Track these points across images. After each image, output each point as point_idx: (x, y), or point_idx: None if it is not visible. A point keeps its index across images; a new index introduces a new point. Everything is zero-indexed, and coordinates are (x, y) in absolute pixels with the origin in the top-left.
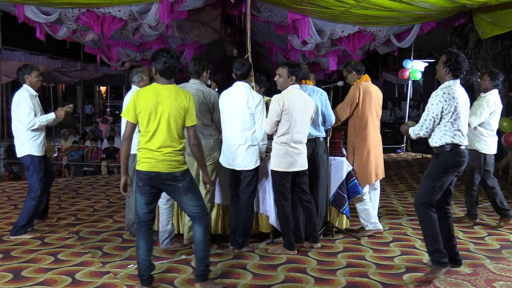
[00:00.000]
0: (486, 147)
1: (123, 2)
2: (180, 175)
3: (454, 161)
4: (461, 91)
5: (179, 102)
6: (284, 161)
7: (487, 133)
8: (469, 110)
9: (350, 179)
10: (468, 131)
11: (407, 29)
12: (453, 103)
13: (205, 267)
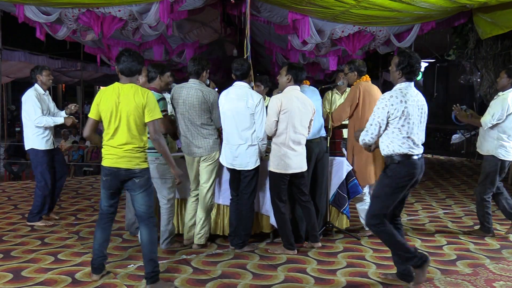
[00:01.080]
0: (505, 153)
1: (123, 2)
2: (139, 172)
3: (403, 174)
4: (414, 94)
5: (137, 100)
6: (282, 162)
7: (507, 138)
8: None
9: (350, 179)
10: (485, 134)
11: (407, 29)
12: (401, 107)
13: (153, 268)
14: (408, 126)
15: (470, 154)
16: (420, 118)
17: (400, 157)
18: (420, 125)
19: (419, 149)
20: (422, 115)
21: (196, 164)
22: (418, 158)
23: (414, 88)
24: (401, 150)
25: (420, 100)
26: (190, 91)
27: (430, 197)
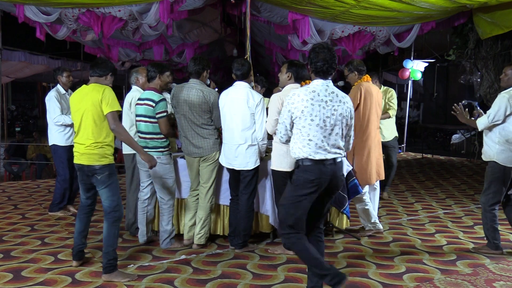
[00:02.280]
0: (505, 159)
1: (123, 2)
2: (99, 168)
3: (303, 180)
4: (328, 94)
5: (94, 97)
6: (286, 160)
7: (507, 141)
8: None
9: (350, 179)
10: (486, 138)
11: (407, 29)
12: (301, 107)
13: (107, 261)
14: (310, 127)
15: (470, 154)
16: (334, 121)
17: (301, 162)
18: (331, 128)
19: (329, 154)
20: (337, 117)
21: (196, 164)
22: (324, 164)
23: (332, 88)
24: (302, 153)
25: (336, 102)
26: (190, 91)
27: (430, 197)
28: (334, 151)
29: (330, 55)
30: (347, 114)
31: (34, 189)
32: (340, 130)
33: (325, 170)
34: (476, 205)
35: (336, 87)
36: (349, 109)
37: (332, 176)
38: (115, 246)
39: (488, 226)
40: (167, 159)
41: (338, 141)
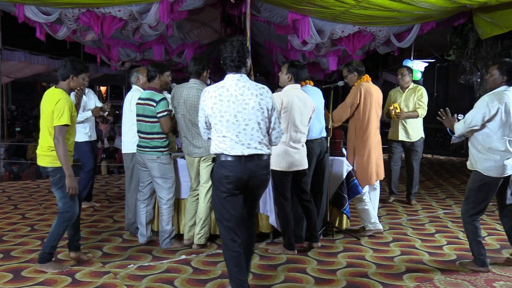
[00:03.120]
0: (487, 169)
1: (123, 2)
2: (52, 171)
3: (219, 176)
4: (237, 88)
5: (48, 105)
6: (284, 160)
7: (490, 149)
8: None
9: (350, 179)
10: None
11: (407, 29)
12: (210, 103)
13: (43, 253)
14: (221, 124)
15: None
16: (247, 115)
17: (218, 157)
18: (245, 122)
19: (247, 149)
20: (249, 111)
21: (196, 164)
22: (241, 160)
23: (244, 82)
24: (218, 149)
25: (248, 95)
26: (191, 91)
27: (430, 197)
28: (254, 146)
29: (239, 49)
30: (262, 107)
31: (34, 189)
32: (257, 124)
33: (242, 166)
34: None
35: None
36: (265, 101)
37: (251, 174)
38: (54, 244)
39: (471, 240)
40: (167, 159)
41: (256, 136)
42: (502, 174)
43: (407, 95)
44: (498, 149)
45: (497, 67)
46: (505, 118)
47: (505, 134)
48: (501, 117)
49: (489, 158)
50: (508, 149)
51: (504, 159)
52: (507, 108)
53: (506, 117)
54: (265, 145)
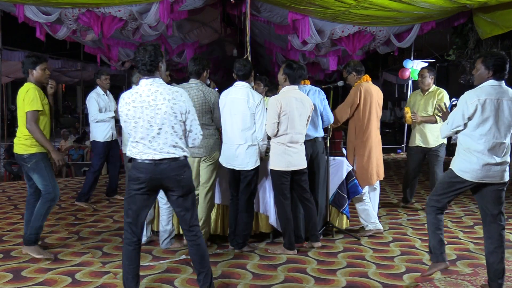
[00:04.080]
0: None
1: (123, 2)
2: (28, 157)
3: (133, 176)
4: (148, 92)
5: (20, 95)
6: (283, 160)
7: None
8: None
9: (350, 179)
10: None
11: (407, 29)
12: (125, 110)
13: (29, 234)
14: (135, 130)
15: None
16: (160, 120)
17: (133, 160)
18: (158, 127)
19: (159, 153)
20: (162, 116)
21: (196, 164)
22: (155, 164)
23: (157, 87)
24: (133, 153)
25: (160, 100)
26: (191, 91)
27: None
28: (167, 150)
29: (151, 53)
30: (175, 111)
31: None
32: (170, 128)
33: (155, 169)
34: (476, 205)
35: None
36: (177, 105)
37: (163, 175)
38: (40, 224)
39: (430, 232)
40: None
41: (170, 140)
42: (478, 179)
43: (427, 98)
44: (475, 149)
45: (481, 60)
46: (483, 116)
47: (485, 134)
48: (479, 114)
49: (465, 159)
50: (489, 152)
51: (481, 162)
52: (487, 105)
53: (486, 114)
54: (180, 148)
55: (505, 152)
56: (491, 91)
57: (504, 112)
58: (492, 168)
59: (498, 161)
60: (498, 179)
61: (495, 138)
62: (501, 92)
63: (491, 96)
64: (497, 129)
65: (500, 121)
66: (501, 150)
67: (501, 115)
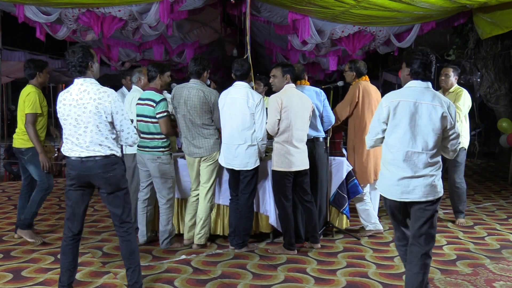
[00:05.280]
0: (382, 188)
1: (123, 2)
2: (25, 150)
3: (67, 173)
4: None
5: (21, 98)
6: (286, 161)
7: (383, 160)
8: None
9: (350, 179)
10: None
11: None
12: (58, 108)
13: (24, 219)
14: (65, 127)
15: (470, 154)
16: (86, 119)
17: (66, 157)
18: (85, 125)
19: (85, 151)
20: (88, 115)
21: (196, 164)
22: (81, 161)
23: (86, 86)
24: (64, 151)
25: (87, 99)
26: (191, 91)
27: None
28: (92, 148)
29: (79, 54)
30: (100, 111)
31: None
32: (95, 127)
33: (82, 166)
34: (476, 205)
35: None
36: (102, 105)
37: (90, 172)
38: (35, 210)
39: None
40: (167, 159)
41: (96, 138)
42: (397, 196)
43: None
44: (389, 161)
45: (403, 59)
46: (395, 120)
47: (398, 141)
48: (391, 119)
49: (383, 174)
50: (404, 163)
51: (396, 176)
52: (400, 108)
53: (398, 118)
54: (107, 147)
55: (427, 165)
56: (409, 93)
57: (422, 117)
58: (411, 182)
59: (417, 174)
60: (421, 196)
61: (409, 147)
62: (421, 94)
63: (407, 98)
64: (413, 136)
65: (417, 128)
66: (421, 161)
67: (418, 121)
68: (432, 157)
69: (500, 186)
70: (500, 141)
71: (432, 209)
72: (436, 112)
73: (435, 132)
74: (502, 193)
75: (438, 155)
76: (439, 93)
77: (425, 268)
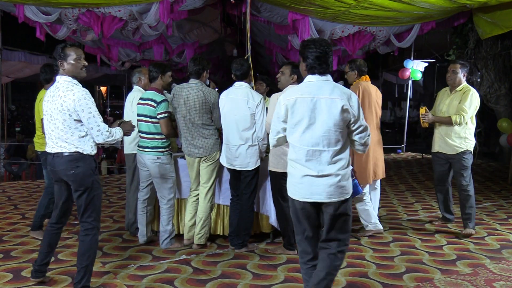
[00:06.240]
0: (288, 187)
1: (123, 2)
2: (40, 154)
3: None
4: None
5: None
6: (282, 161)
7: (289, 160)
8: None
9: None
10: None
11: (407, 29)
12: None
13: (35, 221)
14: (44, 122)
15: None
16: (56, 115)
17: None
18: (54, 122)
19: (53, 148)
20: (57, 112)
21: (196, 164)
22: (52, 156)
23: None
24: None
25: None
26: (191, 92)
27: (430, 197)
28: (59, 144)
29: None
30: (64, 108)
31: (34, 189)
32: (61, 123)
33: (52, 162)
34: (476, 205)
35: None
36: (67, 103)
37: (57, 169)
38: (43, 213)
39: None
40: (167, 159)
41: (61, 135)
42: (302, 196)
43: (453, 98)
44: (293, 159)
45: (299, 53)
46: (294, 118)
47: (299, 139)
48: (290, 117)
49: (288, 171)
50: (308, 162)
51: (300, 173)
52: (298, 105)
53: (298, 116)
54: (72, 144)
55: (332, 163)
56: (306, 88)
57: (321, 113)
58: (315, 181)
59: (321, 174)
60: (324, 197)
61: (311, 145)
62: (318, 89)
63: (304, 95)
64: (314, 133)
65: (318, 124)
66: (324, 159)
67: (318, 117)
68: (337, 154)
69: (500, 186)
70: (500, 141)
71: (340, 212)
72: (336, 105)
73: (337, 127)
74: (502, 193)
75: (343, 151)
76: (339, 85)
77: (332, 268)
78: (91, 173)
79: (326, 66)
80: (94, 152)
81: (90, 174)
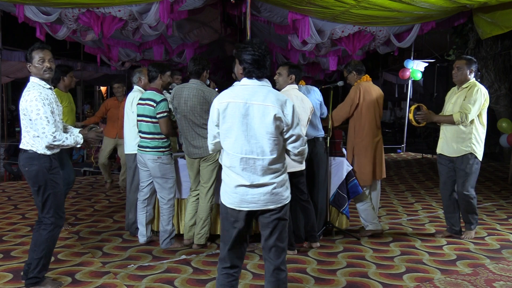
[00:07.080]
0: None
1: (123, 2)
2: None
3: None
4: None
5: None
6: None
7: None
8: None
9: (350, 179)
10: None
11: (407, 29)
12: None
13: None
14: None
15: None
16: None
17: None
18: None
19: (21, 143)
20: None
21: (196, 164)
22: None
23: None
24: None
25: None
26: (191, 91)
27: (430, 197)
28: (23, 141)
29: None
30: (23, 109)
31: None
32: (22, 122)
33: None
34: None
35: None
36: (22, 103)
37: (19, 164)
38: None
39: None
40: (167, 159)
41: (23, 133)
42: (235, 205)
43: (459, 95)
44: (226, 166)
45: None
46: (226, 124)
47: (232, 147)
48: (222, 122)
49: (222, 178)
50: (242, 171)
51: (233, 182)
52: (230, 110)
53: (229, 122)
54: (27, 142)
55: (267, 172)
56: (239, 92)
57: (254, 119)
58: (249, 191)
59: (255, 183)
60: (260, 205)
61: (244, 153)
62: (252, 94)
63: (237, 99)
64: (246, 141)
65: (250, 131)
66: (258, 168)
67: (250, 124)
68: (273, 163)
69: (500, 186)
70: (500, 141)
71: (277, 218)
72: (268, 113)
73: (270, 135)
74: (502, 193)
75: (280, 161)
76: (275, 91)
77: (280, 285)
78: (45, 172)
79: (265, 70)
80: (48, 152)
81: (44, 172)
